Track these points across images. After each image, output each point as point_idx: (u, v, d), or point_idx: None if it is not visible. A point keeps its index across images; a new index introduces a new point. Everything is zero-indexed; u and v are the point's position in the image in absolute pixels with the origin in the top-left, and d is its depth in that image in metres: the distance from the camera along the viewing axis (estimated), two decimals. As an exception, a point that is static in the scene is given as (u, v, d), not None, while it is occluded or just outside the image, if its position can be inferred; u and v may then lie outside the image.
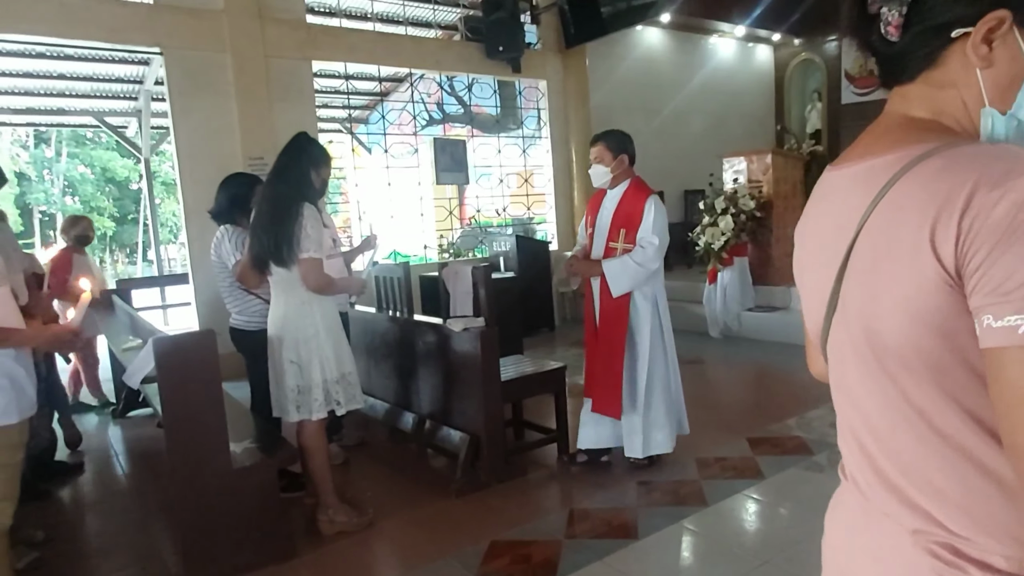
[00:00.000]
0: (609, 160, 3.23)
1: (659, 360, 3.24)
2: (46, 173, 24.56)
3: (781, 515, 2.78)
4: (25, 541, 2.87)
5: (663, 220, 3.15)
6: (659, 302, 3.27)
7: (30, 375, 2.12)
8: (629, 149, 3.27)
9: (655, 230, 3.12)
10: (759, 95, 10.56)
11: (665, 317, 3.29)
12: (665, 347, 3.28)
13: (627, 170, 3.26)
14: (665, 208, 3.21)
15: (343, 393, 2.75)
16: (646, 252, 3.11)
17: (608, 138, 3.27)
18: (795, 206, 6.70)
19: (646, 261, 3.10)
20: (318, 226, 2.65)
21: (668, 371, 3.29)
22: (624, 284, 3.14)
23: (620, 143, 3.25)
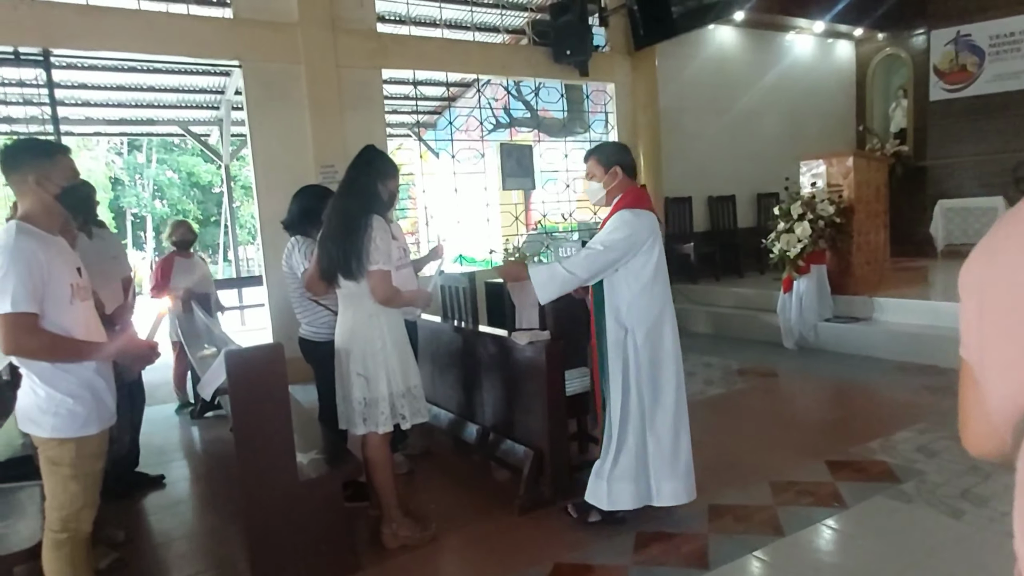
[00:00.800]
0: (601, 174, 2.91)
1: (628, 405, 2.80)
2: (138, 178, 26.09)
3: (865, 550, 2.60)
4: (107, 541, 3.00)
5: (621, 231, 2.73)
6: (636, 335, 2.78)
7: (110, 386, 2.20)
8: (623, 160, 2.92)
9: (600, 237, 2.76)
10: (839, 93, 10.08)
11: (647, 352, 2.78)
12: (639, 393, 2.80)
13: (622, 182, 2.90)
14: (640, 221, 2.75)
15: (408, 406, 2.75)
16: (578, 256, 2.76)
17: (598, 151, 2.99)
18: (878, 211, 6.36)
19: (576, 267, 2.71)
20: (387, 238, 2.66)
21: (640, 422, 2.81)
22: (550, 290, 2.76)
23: (611, 154, 2.94)
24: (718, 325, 7.21)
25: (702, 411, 4.59)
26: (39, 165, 2.06)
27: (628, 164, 2.93)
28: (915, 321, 5.64)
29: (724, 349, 6.42)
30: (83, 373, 2.09)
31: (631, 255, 2.76)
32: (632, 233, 2.74)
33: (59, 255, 2.08)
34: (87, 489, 2.13)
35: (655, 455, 2.83)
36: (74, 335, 2.06)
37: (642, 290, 2.79)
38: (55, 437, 2.05)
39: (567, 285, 2.76)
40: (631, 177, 2.94)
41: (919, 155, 9.38)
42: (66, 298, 2.05)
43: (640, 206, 2.82)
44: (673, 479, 2.84)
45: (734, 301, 7.44)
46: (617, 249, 2.73)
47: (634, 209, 2.79)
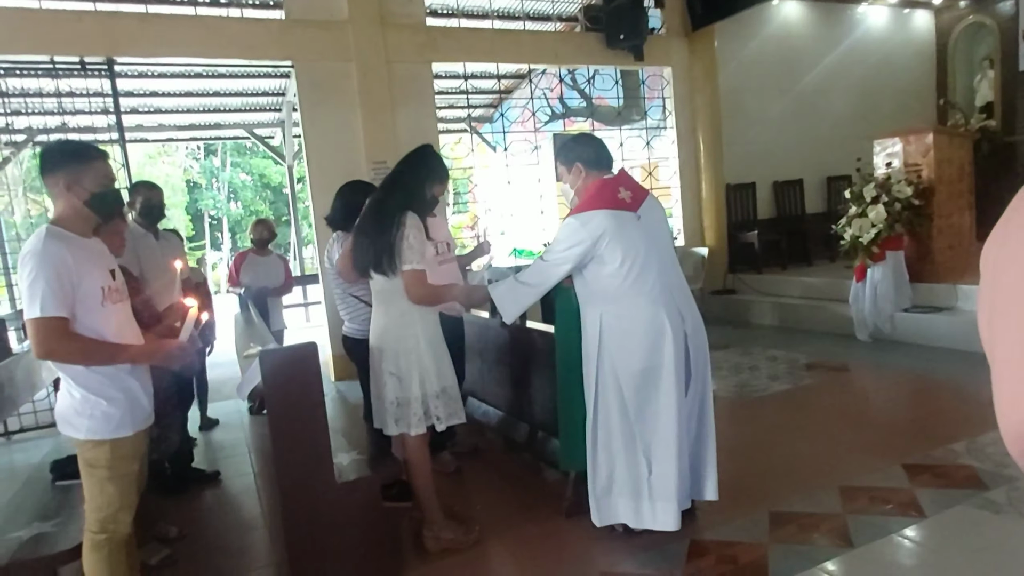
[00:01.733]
0: (566, 175, 2.73)
1: (601, 412, 2.63)
2: (214, 181, 27.24)
3: (947, 566, 2.35)
4: (159, 537, 3.05)
5: (563, 243, 2.55)
6: (610, 342, 2.57)
7: (145, 388, 2.20)
8: (583, 154, 2.68)
9: (551, 246, 2.62)
10: (917, 67, 9.39)
11: (624, 361, 2.55)
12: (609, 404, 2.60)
13: (586, 178, 2.68)
14: (585, 229, 2.52)
15: (443, 408, 2.66)
16: (533, 269, 2.64)
17: (557, 152, 2.78)
18: (961, 191, 5.87)
19: (530, 277, 2.62)
20: (421, 237, 2.57)
21: (609, 432, 2.62)
22: (511, 308, 2.65)
23: (569, 152, 2.72)
24: (784, 317, 6.84)
25: (766, 408, 4.35)
26: (72, 169, 2.06)
27: (589, 158, 2.68)
28: (1006, 310, 5.17)
29: (791, 342, 6.08)
30: (117, 375, 2.10)
31: (585, 262, 2.55)
32: (578, 242, 2.52)
33: (91, 258, 2.08)
34: (124, 491, 2.13)
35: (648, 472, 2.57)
36: (106, 337, 2.06)
37: (615, 294, 2.54)
38: (90, 439, 2.06)
39: (528, 298, 2.66)
40: (599, 168, 2.69)
41: (1007, 130, 8.62)
42: (97, 301, 2.05)
43: (592, 206, 2.56)
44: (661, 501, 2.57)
45: (802, 291, 7.04)
46: (561, 262, 2.57)
47: (581, 213, 2.55)
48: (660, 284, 2.56)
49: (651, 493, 2.56)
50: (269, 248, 5.44)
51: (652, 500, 2.56)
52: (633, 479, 2.59)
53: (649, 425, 2.56)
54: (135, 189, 3.83)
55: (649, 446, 2.56)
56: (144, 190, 3.77)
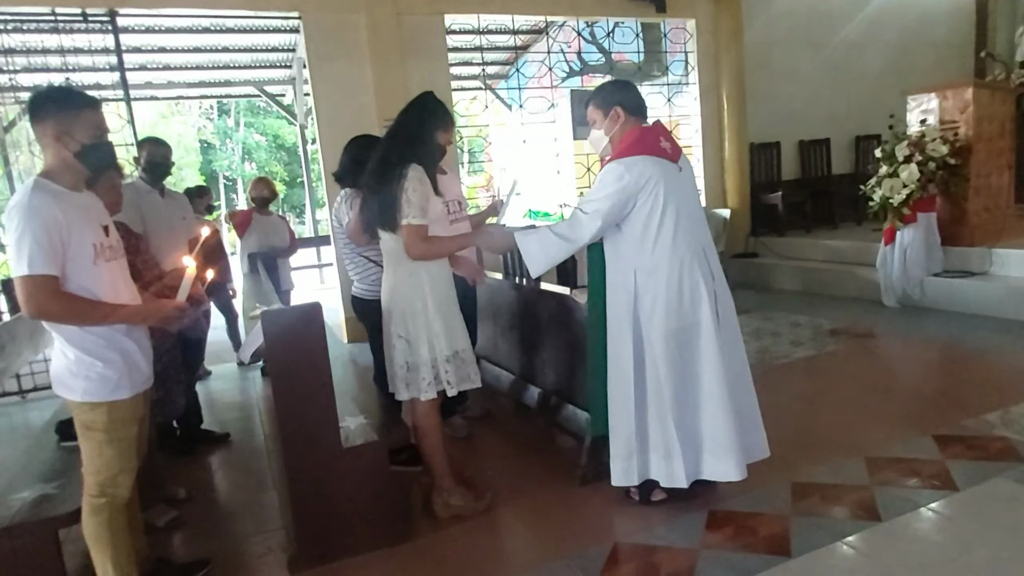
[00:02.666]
0: (600, 120, 2.57)
1: (619, 379, 2.56)
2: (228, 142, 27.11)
3: (981, 544, 2.22)
4: (167, 499, 3.01)
5: (606, 189, 2.40)
6: (643, 300, 2.47)
7: (143, 349, 2.11)
8: (626, 99, 2.54)
9: (589, 195, 2.46)
10: (955, 19, 8.94)
11: (657, 321, 2.45)
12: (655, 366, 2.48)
13: (625, 125, 2.54)
14: (631, 173, 2.39)
15: (454, 372, 2.55)
16: (570, 221, 2.47)
17: (594, 95, 2.60)
18: (1001, 150, 5.60)
19: (568, 232, 2.44)
20: (422, 190, 2.43)
21: (631, 401, 2.53)
22: (540, 260, 2.48)
23: (609, 95, 2.56)
24: (808, 281, 6.64)
25: (788, 375, 4.21)
26: (61, 118, 1.94)
27: (632, 103, 2.54)
28: (1043, 275, 4.96)
29: (815, 307, 5.90)
30: (113, 336, 2.01)
31: (627, 211, 2.43)
32: (621, 188, 2.39)
33: (81, 213, 1.97)
34: (122, 454, 2.06)
35: (683, 431, 2.48)
36: (99, 297, 1.97)
37: (653, 248, 2.44)
38: (86, 401, 1.99)
39: (560, 252, 2.47)
40: (638, 116, 2.56)
41: (1051, 86, 8.22)
42: (89, 258, 1.95)
43: (635, 152, 2.43)
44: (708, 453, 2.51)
45: (827, 255, 6.82)
46: (603, 211, 2.40)
47: (625, 158, 2.42)
48: (696, 241, 2.50)
49: (708, 446, 2.50)
50: (270, 208, 5.32)
51: (711, 453, 2.50)
52: (665, 440, 2.51)
53: (691, 384, 2.49)
54: (141, 145, 3.73)
55: (696, 403, 2.49)
56: (149, 146, 3.67)
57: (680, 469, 2.49)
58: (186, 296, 2.05)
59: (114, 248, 2.08)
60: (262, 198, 5.25)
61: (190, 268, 2.04)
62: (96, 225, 2.02)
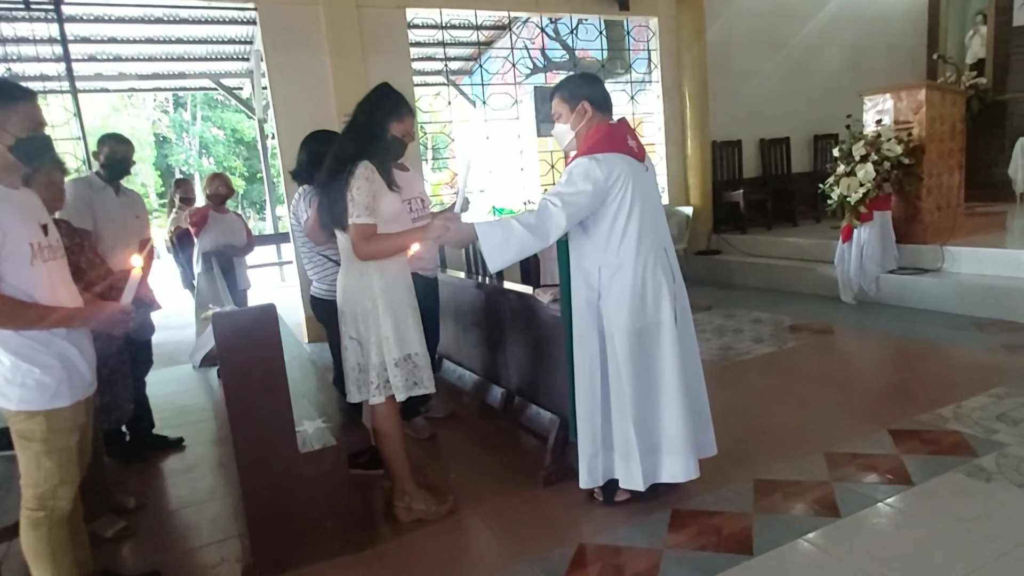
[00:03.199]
0: (567, 114, 2.50)
1: (584, 378, 2.53)
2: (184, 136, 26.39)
3: (936, 538, 2.26)
4: (116, 508, 2.89)
5: (575, 184, 2.34)
6: (607, 300, 2.44)
7: (85, 354, 2.01)
8: (592, 93, 2.48)
9: (559, 187, 2.37)
10: (908, 20, 9.16)
11: (619, 319, 2.41)
12: (616, 367, 2.46)
13: (592, 120, 2.48)
14: (600, 169, 2.34)
15: (402, 377, 2.47)
16: (538, 212, 2.34)
17: (561, 87, 2.53)
18: (952, 150, 5.74)
19: (536, 224, 2.31)
20: (368, 188, 2.34)
21: (597, 399, 2.51)
22: (504, 253, 2.33)
23: (576, 88, 2.49)
24: (769, 278, 6.74)
25: (749, 372, 4.25)
26: None
27: (598, 98, 2.49)
28: (992, 272, 5.10)
29: (775, 303, 5.99)
30: (52, 340, 1.90)
31: (593, 207, 2.39)
32: (593, 184, 2.34)
33: (18, 211, 1.86)
34: (63, 465, 1.95)
35: (641, 430, 2.46)
36: (36, 299, 1.86)
37: (619, 247, 2.42)
38: (23, 410, 1.88)
39: (525, 247, 2.34)
40: (604, 112, 2.51)
41: (998, 88, 8.49)
42: (25, 258, 1.84)
43: (604, 148, 2.39)
44: (665, 454, 2.50)
45: (787, 252, 6.93)
46: (574, 205, 2.33)
47: (596, 154, 2.38)
48: (659, 241, 2.49)
49: (664, 447, 2.49)
50: (226, 206, 5.16)
51: (667, 453, 2.49)
52: (625, 440, 2.49)
53: (651, 384, 2.47)
54: (102, 141, 3.58)
55: (655, 403, 2.48)
56: (111, 143, 3.53)
57: (638, 471, 2.47)
58: (131, 298, 1.96)
59: (53, 248, 1.97)
60: (218, 195, 5.08)
61: (136, 268, 1.95)
62: (34, 224, 1.91)
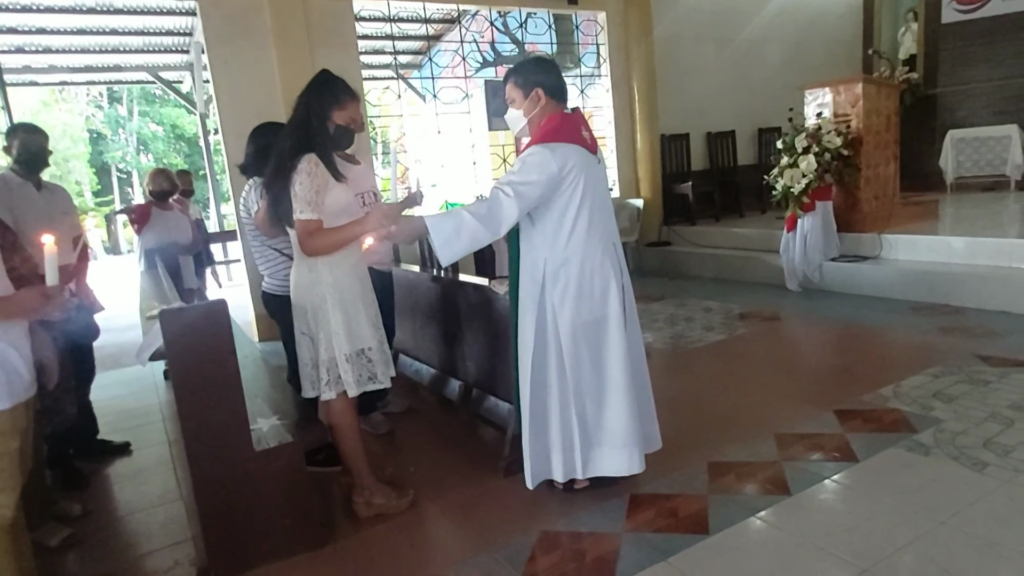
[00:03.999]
0: (520, 99, 2.46)
1: (544, 373, 2.48)
2: (121, 132, 25.37)
3: (880, 510, 2.36)
4: (60, 516, 2.78)
5: (528, 172, 2.31)
6: (551, 293, 2.42)
7: (22, 354, 1.91)
8: (547, 81, 2.44)
9: (510, 176, 2.33)
10: (845, 17, 9.51)
11: (565, 311, 2.42)
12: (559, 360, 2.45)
13: (545, 108, 2.45)
14: (554, 158, 2.32)
15: (353, 372, 2.43)
16: (489, 202, 2.29)
17: (515, 72, 2.48)
18: (888, 142, 5.99)
19: (487, 214, 2.27)
20: (311, 182, 2.29)
21: (548, 386, 2.49)
22: (454, 246, 2.27)
23: (531, 75, 2.45)
24: (718, 268, 6.91)
25: (701, 359, 4.35)
26: None
27: (553, 85, 2.45)
28: (926, 258, 5.35)
29: (725, 292, 6.14)
30: (-15, 341, 1.81)
31: (545, 198, 2.36)
32: (547, 174, 2.31)
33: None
34: (3, 471, 1.86)
35: (583, 424, 2.50)
36: (-33, 298, 1.76)
37: (567, 240, 2.41)
38: (-43, 414, 1.78)
39: (477, 238, 2.29)
40: (559, 101, 2.48)
41: (929, 83, 8.90)
42: (-42, 255, 1.74)
43: (560, 138, 2.37)
44: (608, 447, 2.52)
45: (734, 242, 7.12)
46: (525, 196, 2.29)
47: (550, 143, 2.35)
48: (607, 235, 2.50)
49: (608, 440, 2.51)
50: (171, 202, 5.01)
51: (611, 447, 2.50)
52: (567, 434, 2.50)
53: (596, 377, 2.48)
54: (12, 133, 3.33)
55: (600, 397, 2.49)
56: (21, 134, 3.23)
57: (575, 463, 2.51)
58: (55, 278, 1.83)
59: (-15, 243, 1.87)
60: (161, 191, 4.91)
61: (48, 244, 1.77)
62: (-39, 220, 1.81)
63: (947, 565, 2.02)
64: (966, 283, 4.83)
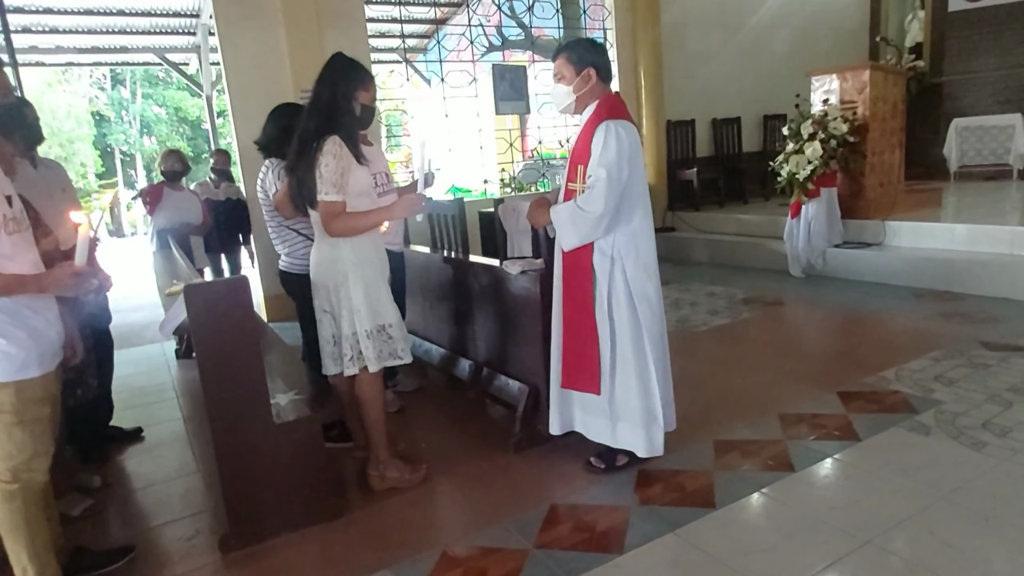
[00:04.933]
0: (571, 76, 2.53)
1: (625, 338, 2.55)
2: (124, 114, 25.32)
3: (881, 486, 2.43)
4: (80, 487, 2.85)
5: (619, 149, 2.41)
6: (625, 264, 2.53)
7: (53, 325, 1.97)
8: (599, 61, 2.53)
9: (603, 161, 2.41)
10: (852, 4, 9.47)
11: (639, 284, 2.55)
12: (639, 324, 2.55)
13: (595, 88, 2.53)
14: (629, 136, 2.45)
15: (374, 348, 2.51)
16: (590, 193, 2.44)
17: (569, 49, 2.56)
18: (893, 129, 6.01)
19: (589, 205, 2.43)
20: (336, 164, 2.36)
21: (641, 355, 2.57)
22: (570, 235, 2.50)
23: (585, 53, 2.53)
24: (722, 253, 6.96)
25: (706, 342, 4.42)
26: None
27: (604, 66, 2.55)
28: (929, 245, 5.39)
29: (728, 278, 6.20)
30: (17, 312, 1.86)
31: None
32: (630, 149, 2.44)
33: (-21, 183, 1.81)
34: (36, 436, 1.93)
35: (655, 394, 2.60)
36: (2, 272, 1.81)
37: (629, 213, 2.52)
38: (-9, 381, 1.84)
39: (589, 227, 2.46)
40: (606, 83, 2.57)
41: (935, 71, 8.90)
42: (-11, 231, 1.79)
43: (626, 116, 2.50)
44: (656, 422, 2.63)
45: (738, 228, 7.16)
46: (625, 170, 2.42)
47: (620, 120, 2.46)
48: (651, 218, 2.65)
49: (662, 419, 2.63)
50: (182, 183, 5.08)
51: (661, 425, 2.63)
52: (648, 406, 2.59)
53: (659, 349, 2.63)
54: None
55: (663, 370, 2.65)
56: None
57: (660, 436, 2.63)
58: (85, 258, 1.87)
59: (18, 220, 1.92)
60: (173, 171, 4.99)
61: (83, 226, 1.81)
62: (0, 195, 1.86)
63: (946, 538, 2.09)
64: (968, 270, 4.88)
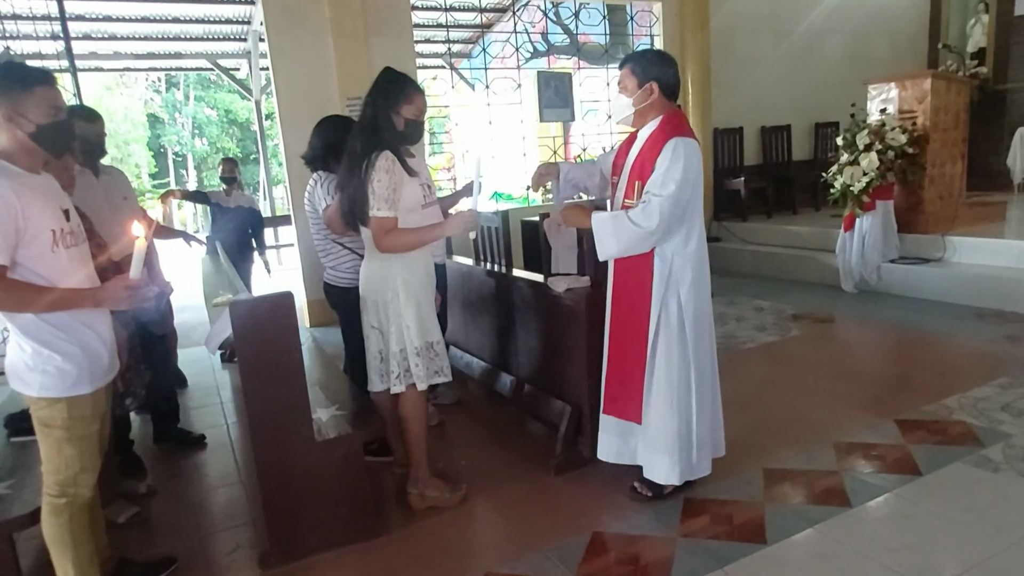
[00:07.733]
0: (633, 88, 2.45)
1: (669, 363, 2.46)
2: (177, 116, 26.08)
3: (945, 528, 2.30)
4: (127, 495, 2.89)
5: (686, 167, 2.32)
6: (680, 289, 2.44)
7: (104, 340, 1.99)
8: (664, 75, 2.43)
9: (669, 178, 2.33)
10: (911, 9, 9.13)
11: (692, 311, 2.45)
12: (685, 349, 2.46)
13: (658, 102, 2.45)
14: (696, 157, 2.38)
15: (423, 366, 2.49)
16: (647, 208, 2.34)
17: (634, 60, 2.47)
18: (955, 140, 5.75)
19: (644, 219, 2.34)
20: (388, 180, 2.34)
21: (685, 386, 2.49)
22: (611, 246, 2.42)
23: (649, 66, 2.43)
24: (769, 266, 6.76)
25: (754, 360, 4.29)
26: (11, 97, 1.79)
27: (668, 81, 2.44)
28: (993, 263, 5.14)
29: (776, 292, 6.02)
30: (72, 326, 1.88)
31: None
32: (695, 170, 2.36)
33: (41, 197, 1.83)
34: (84, 452, 1.95)
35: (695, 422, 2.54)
36: (56, 285, 1.83)
37: (687, 235, 2.44)
38: (44, 396, 1.87)
39: (635, 241, 2.39)
40: (670, 98, 2.48)
41: (999, 78, 8.50)
42: (46, 245, 1.81)
43: (689, 134, 2.41)
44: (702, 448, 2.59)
45: (787, 240, 6.95)
46: (688, 190, 2.35)
47: (685, 139, 2.37)
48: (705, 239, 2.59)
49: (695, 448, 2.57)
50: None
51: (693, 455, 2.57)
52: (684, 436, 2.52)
53: (708, 376, 2.56)
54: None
55: (712, 395, 2.58)
56: (79, 121, 2.97)
57: (708, 460, 2.60)
58: (140, 271, 1.85)
59: (75, 234, 1.94)
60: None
61: (140, 239, 1.80)
62: (56, 209, 1.88)
63: (1019, 589, 1.95)
64: (1036, 290, 4.63)
